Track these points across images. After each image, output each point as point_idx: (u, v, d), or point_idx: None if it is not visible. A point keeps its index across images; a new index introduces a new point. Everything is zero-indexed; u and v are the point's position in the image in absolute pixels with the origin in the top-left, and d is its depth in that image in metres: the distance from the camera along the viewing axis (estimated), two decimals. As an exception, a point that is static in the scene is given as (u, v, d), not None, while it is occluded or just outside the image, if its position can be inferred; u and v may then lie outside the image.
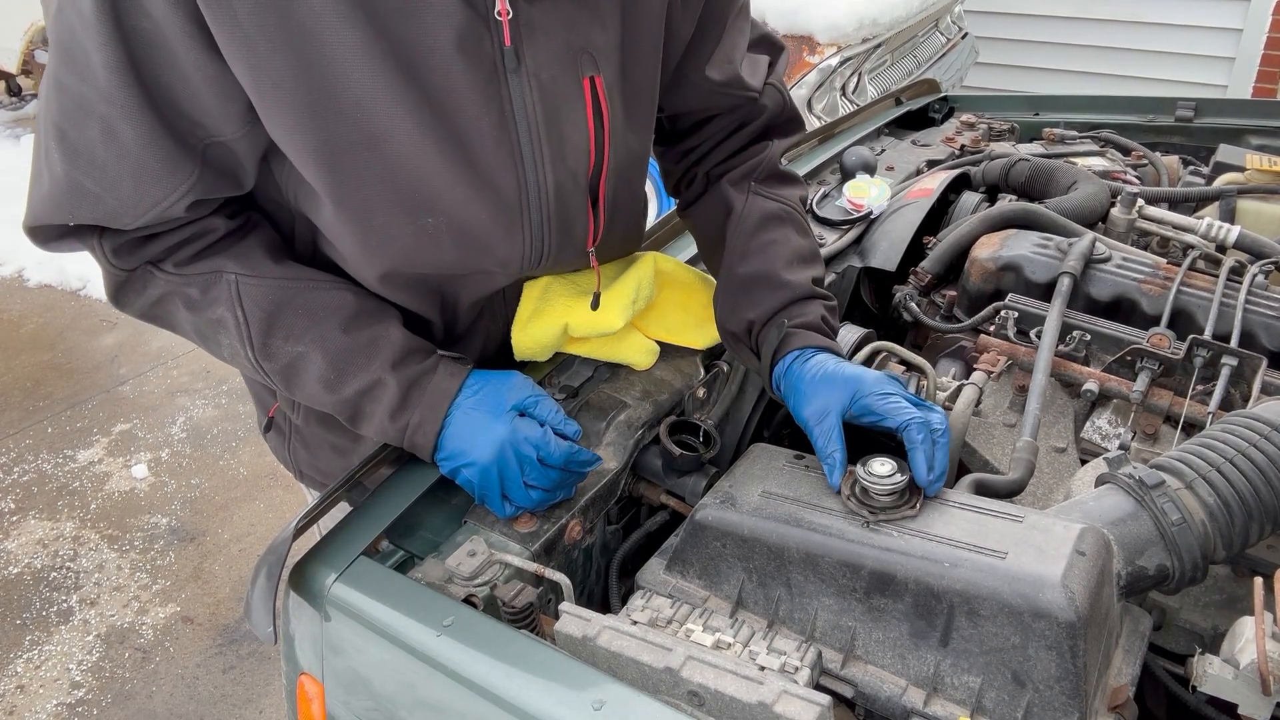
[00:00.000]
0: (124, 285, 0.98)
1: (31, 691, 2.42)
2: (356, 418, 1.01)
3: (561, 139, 0.97)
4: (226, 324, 0.97)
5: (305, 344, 0.98)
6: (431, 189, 0.93)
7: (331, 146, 0.89)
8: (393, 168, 0.91)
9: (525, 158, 0.96)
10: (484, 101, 0.91)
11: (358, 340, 0.99)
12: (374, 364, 0.98)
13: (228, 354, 1.01)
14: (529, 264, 1.04)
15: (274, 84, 0.84)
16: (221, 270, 0.96)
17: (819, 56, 3.57)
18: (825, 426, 0.95)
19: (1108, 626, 0.83)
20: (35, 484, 3.18)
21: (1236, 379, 1.16)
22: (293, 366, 0.98)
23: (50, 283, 4.50)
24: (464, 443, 0.98)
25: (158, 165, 0.87)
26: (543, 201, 0.99)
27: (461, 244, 0.98)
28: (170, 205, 0.90)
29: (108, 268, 0.96)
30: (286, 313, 0.97)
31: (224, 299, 0.96)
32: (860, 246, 1.58)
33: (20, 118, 6.46)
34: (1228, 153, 1.82)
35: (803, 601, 0.88)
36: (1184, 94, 2.14)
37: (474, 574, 0.90)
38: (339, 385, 0.99)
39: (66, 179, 0.89)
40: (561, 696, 0.77)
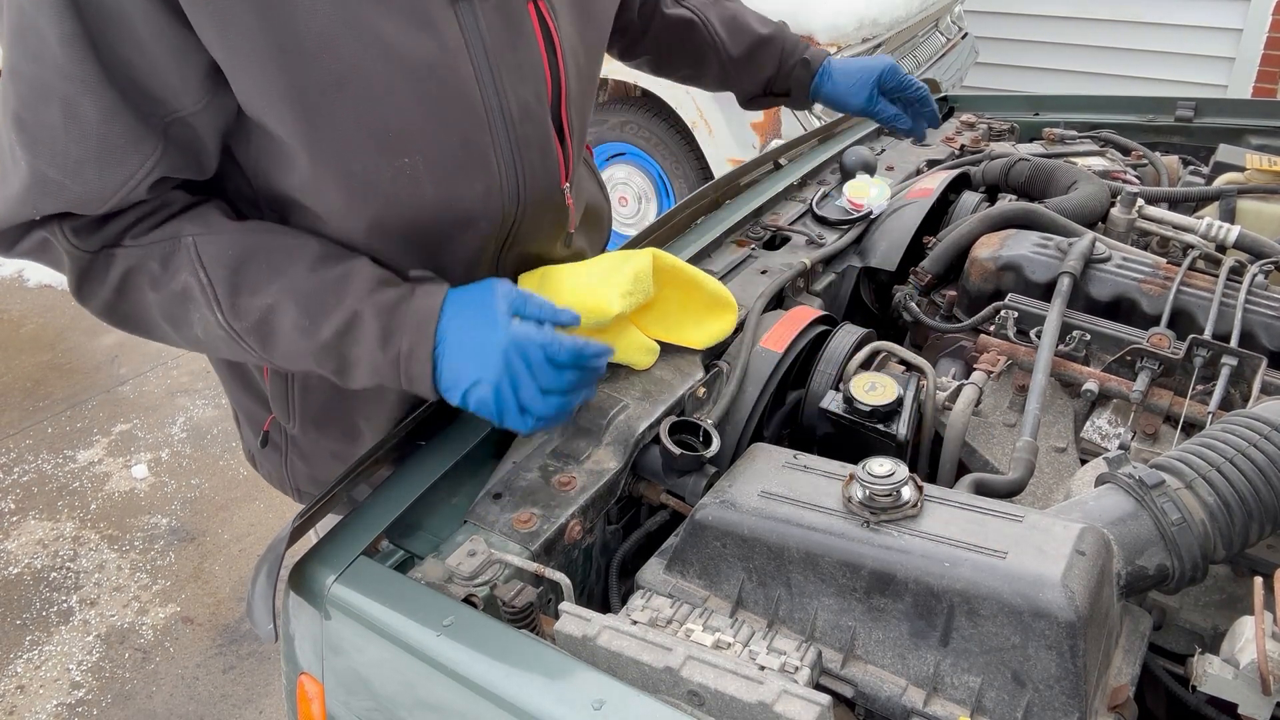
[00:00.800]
0: (87, 273, 0.94)
1: (31, 691, 2.42)
2: (343, 365, 0.96)
3: (518, 63, 1.00)
4: (192, 292, 0.93)
5: (273, 294, 0.93)
6: (403, 124, 0.93)
7: (302, 91, 0.88)
8: (363, 107, 0.90)
9: (485, 83, 0.97)
10: (442, 29, 0.93)
11: (326, 279, 0.94)
12: (347, 299, 0.94)
13: (200, 330, 0.96)
14: (508, 199, 1.03)
15: (242, 34, 0.83)
16: (179, 234, 0.93)
17: (819, 56, 3.56)
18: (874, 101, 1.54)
19: (1108, 626, 0.83)
20: (35, 484, 3.18)
21: (1236, 379, 1.16)
22: (265, 322, 0.94)
23: (50, 283, 4.50)
24: (464, 361, 0.93)
25: (121, 141, 0.85)
26: (509, 125, 1.00)
27: (438, 181, 0.97)
28: (135, 187, 0.89)
29: (70, 250, 0.92)
30: (250, 266, 0.93)
31: (185, 264, 0.93)
32: (860, 246, 1.58)
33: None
34: (1228, 153, 1.82)
35: (803, 601, 0.88)
36: (1184, 94, 2.14)
37: (474, 574, 0.90)
38: (315, 329, 0.93)
39: (30, 171, 0.86)
40: (561, 696, 0.77)
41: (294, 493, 1.31)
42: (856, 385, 1.15)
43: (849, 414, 1.14)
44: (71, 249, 0.92)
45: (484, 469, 1.08)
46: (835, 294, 1.54)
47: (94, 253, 0.93)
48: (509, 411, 0.94)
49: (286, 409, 1.19)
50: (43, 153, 0.85)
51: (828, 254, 1.52)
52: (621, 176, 4.16)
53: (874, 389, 1.14)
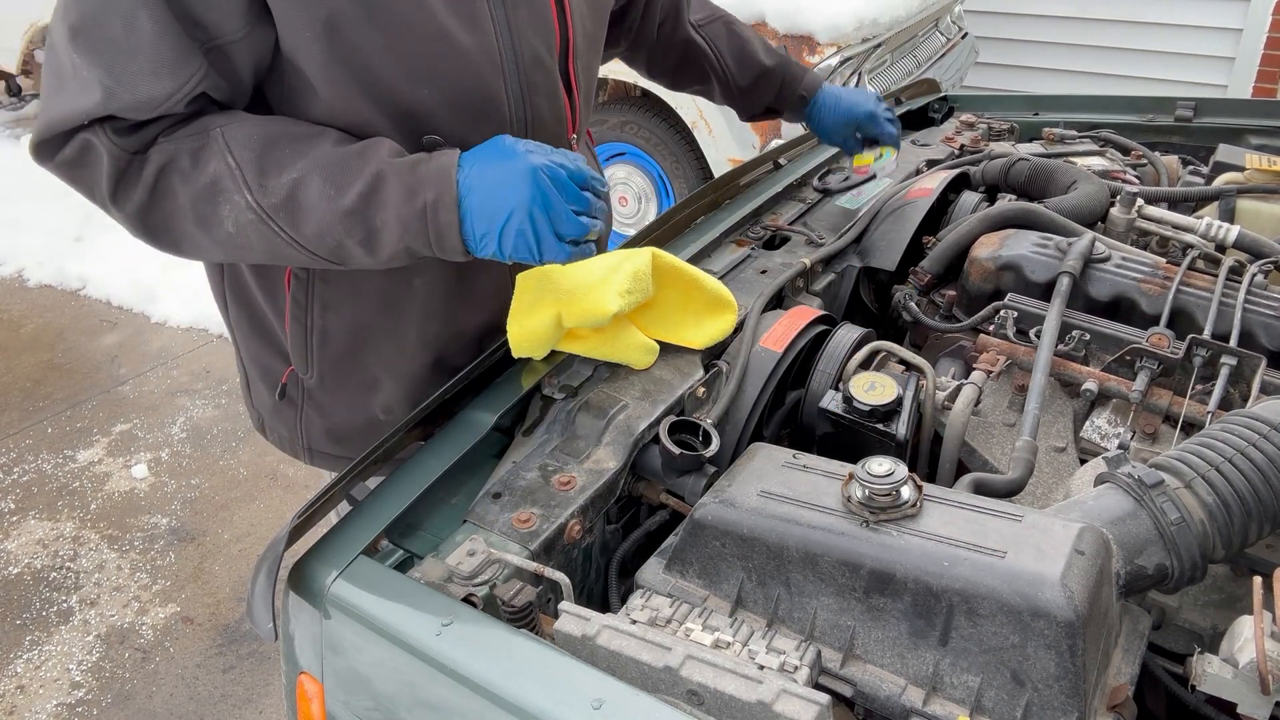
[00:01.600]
0: (124, 174, 0.98)
1: (31, 691, 2.42)
2: (370, 231, 0.98)
3: (531, 15, 1.10)
4: (222, 180, 0.97)
5: (299, 169, 0.97)
6: (424, 55, 1.00)
7: (334, 21, 0.95)
8: (390, 37, 0.98)
9: (501, 29, 1.07)
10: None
11: (348, 152, 0.99)
12: (369, 164, 0.98)
13: (231, 223, 0.99)
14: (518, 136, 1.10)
15: None
16: (208, 128, 0.98)
17: (819, 56, 3.56)
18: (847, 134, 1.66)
19: (1107, 626, 0.83)
20: (35, 484, 3.18)
21: (1236, 378, 1.16)
22: (292, 197, 0.97)
23: (50, 283, 4.50)
24: (491, 197, 0.96)
25: (171, 56, 0.92)
26: (520, 70, 1.09)
27: (452, 118, 1.06)
28: (178, 99, 0.95)
29: (110, 149, 0.96)
30: (276, 147, 0.98)
31: (215, 154, 0.97)
32: (860, 246, 1.58)
33: (20, 118, 6.46)
34: (1227, 152, 1.82)
35: (802, 601, 0.88)
36: (1184, 94, 2.14)
37: (473, 573, 0.90)
38: (340, 195, 0.97)
39: (86, 78, 0.93)
40: (561, 696, 0.77)
41: (305, 453, 1.33)
42: (856, 385, 1.15)
43: (848, 414, 1.14)
44: (112, 147, 0.96)
45: (484, 469, 1.08)
46: (835, 294, 1.54)
47: (132, 154, 0.97)
48: (545, 238, 0.97)
49: (305, 357, 1.22)
50: (102, 60, 0.92)
51: (828, 254, 1.52)
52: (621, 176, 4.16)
53: (874, 389, 1.14)
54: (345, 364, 1.23)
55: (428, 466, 1.04)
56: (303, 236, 0.99)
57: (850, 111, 1.62)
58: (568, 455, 1.08)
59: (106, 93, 0.92)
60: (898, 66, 3.97)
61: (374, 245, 1.00)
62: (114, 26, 0.91)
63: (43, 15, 5.41)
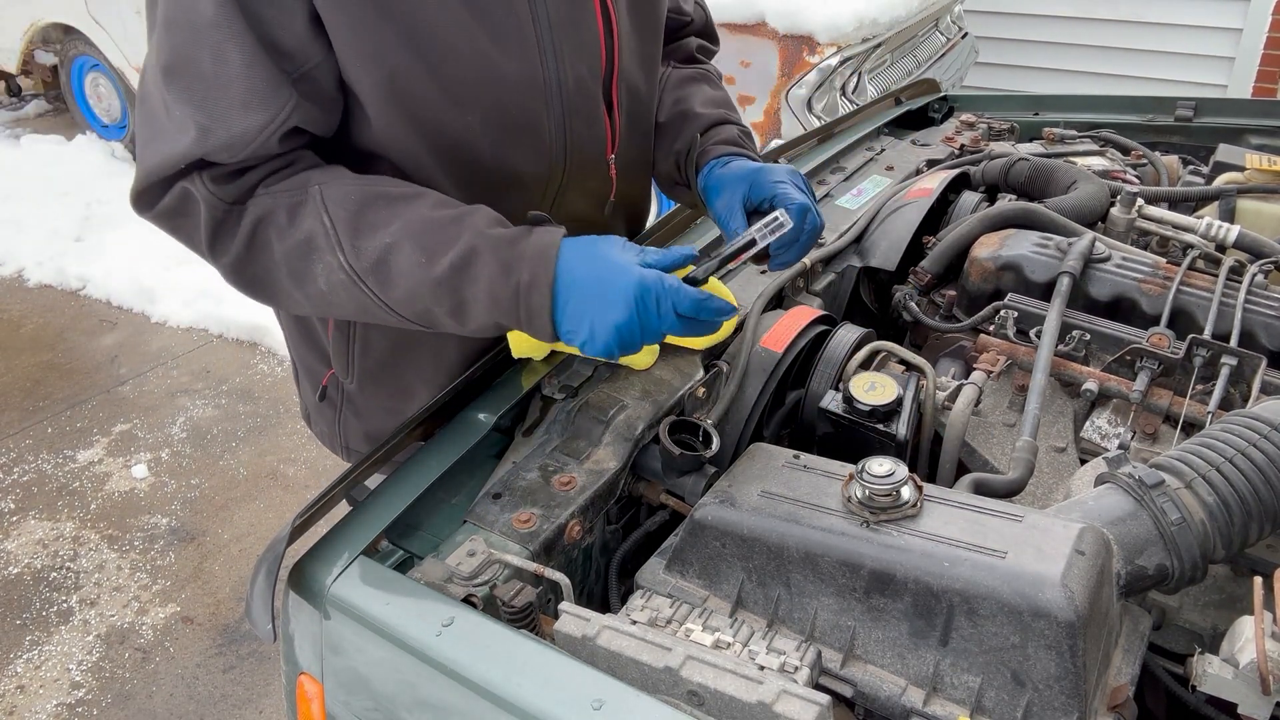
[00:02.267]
0: (221, 225, 0.98)
1: (31, 691, 2.42)
2: (460, 302, 0.97)
3: (578, 37, 1.09)
4: (316, 239, 0.97)
5: (393, 233, 0.96)
6: (468, 81, 1.00)
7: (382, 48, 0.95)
8: (435, 61, 0.98)
9: (548, 53, 1.06)
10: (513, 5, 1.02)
11: (444, 217, 0.98)
12: (464, 234, 0.96)
13: (324, 281, 0.99)
14: (554, 162, 1.11)
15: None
16: (307, 184, 0.98)
17: (819, 56, 3.57)
18: (730, 213, 1.14)
19: (1107, 626, 0.83)
20: (35, 484, 3.18)
21: (1236, 378, 1.16)
22: (384, 261, 0.96)
23: (50, 283, 4.50)
24: (588, 299, 0.94)
25: (262, 87, 0.92)
26: (564, 94, 1.09)
27: (494, 141, 1.06)
28: (273, 132, 0.94)
29: (208, 199, 0.96)
30: (371, 209, 0.98)
31: (311, 211, 0.97)
32: (860, 246, 1.58)
33: (20, 118, 6.46)
34: (1227, 152, 1.82)
35: (802, 601, 0.88)
36: (1184, 94, 2.14)
37: (474, 574, 0.90)
38: (432, 264, 0.95)
39: (180, 117, 0.93)
40: (561, 696, 0.77)
41: (343, 451, 1.37)
42: (856, 385, 1.15)
43: (849, 414, 1.14)
44: (209, 197, 0.96)
45: (484, 469, 1.08)
46: (835, 294, 1.54)
47: (230, 204, 0.98)
48: (630, 350, 0.98)
49: (346, 364, 1.24)
50: (193, 98, 0.92)
51: (828, 254, 1.52)
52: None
53: (874, 389, 1.14)
54: (384, 372, 1.25)
55: (428, 466, 1.04)
56: (392, 300, 0.99)
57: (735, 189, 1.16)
58: (568, 455, 1.08)
59: (201, 131, 0.92)
60: (898, 66, 3.97)
61: (463, 316, 0.98)
62: (204, 62, 0.91)
63: (43, 15, 5.42)
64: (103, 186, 5.18)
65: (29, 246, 4.69)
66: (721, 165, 1.20)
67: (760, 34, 3.67)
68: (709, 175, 1.20)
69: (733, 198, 1.14)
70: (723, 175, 1.18)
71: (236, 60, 0.91)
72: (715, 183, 1.18)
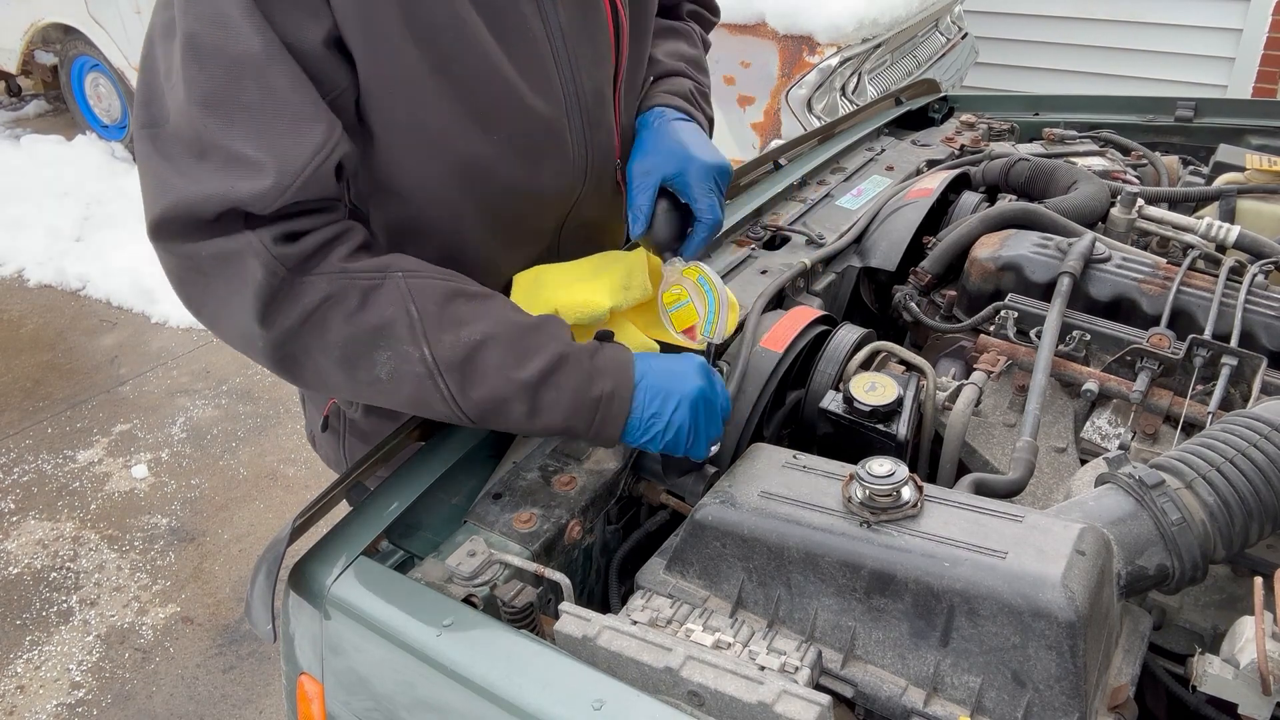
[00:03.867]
0: (278, 295, 0.90)
1: (31, 691, 2.42)
2: (537, 406, 0.96)
3: (592, 46, 1.06)
4: (394, 327, 0.93)
5: (480, 329, 0.95)
6: (495, 102, 0.99)
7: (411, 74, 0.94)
8: (462, 87, 0.97)
9: (564, 70, 1.04)
10: (525, 21, 0.99)
11: (527, 323, 0.98)
12: (552, 342, 0.97)
13: (385, 371, 0.94)
14: (576, 176, 1.10)
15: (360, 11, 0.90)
16: (389, 269, 0.94)
17: (819, 56, 3.57)
18: (644, 183, 1.09)
19: (1108, 626, 0.83)
20: (35, 484, 3.18)
21: (1236, 379, 1.16)
22: (470, 359, 0.94)
23: (50, 283, 4.50)
24: (661, 401, 0.99)
25: (309, 110, 0.89)
26: (583, 106, 1.07)
27: (521, 159, 1.04)
28: (327, 154, 0.89)
29: (266, 261, 0.88)
30: (457, 301, 0.96)
31: (393, 299, 0.93)
32: (860, 246, 1.58)
33: (20, 118, 6.46)
34: (1228, 153, 1.82)
35: (803, 601, 0.88)
36: (1184, 94, 2.14)
37: (474, 574, 0.90)
38: (520, 367, 0.95)
39: (224, 154, 0.87)
40: (561, 696, 0.77)
41: None
42: (856, 385, 1.15)
43: (849, 414, 1.14)
44: (271, 260, 0.89)
45: (484, 469, 1.08)
46: (835, 294, 1.54)
47: (290, 270, 0.90)
48: (700, 430, 1.00)
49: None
50: (238, 129, 0.87)
51: (828, 254, 1.52)
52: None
53: (874, 389, 1.14)
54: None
55: (428, 466, 1.04)
56: (465, 398, 0.95)
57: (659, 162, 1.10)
58: (568, 455, 1.08)
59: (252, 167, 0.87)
60: (898, 66, 3.97)
61: (535, 418, 0.97)
62: (250, 91, 0.87)
63: (43, 15, 5.42)
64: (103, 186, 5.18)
65: (29, 246, 4.69)
66: (663, 122, 1.15)
67: (760, 34, 3.67)
68: (646, 123, 1.16)
69: (650, 174, 1.10)
70: (655, 140, 1.13)
71: (283, 85, 0.87)
72: (645, 142, 1.13)
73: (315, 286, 0.91)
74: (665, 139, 1.12)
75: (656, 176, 1.09)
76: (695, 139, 1.12)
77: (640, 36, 1.18)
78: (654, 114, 1.17)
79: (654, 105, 1.18)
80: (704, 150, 1.10)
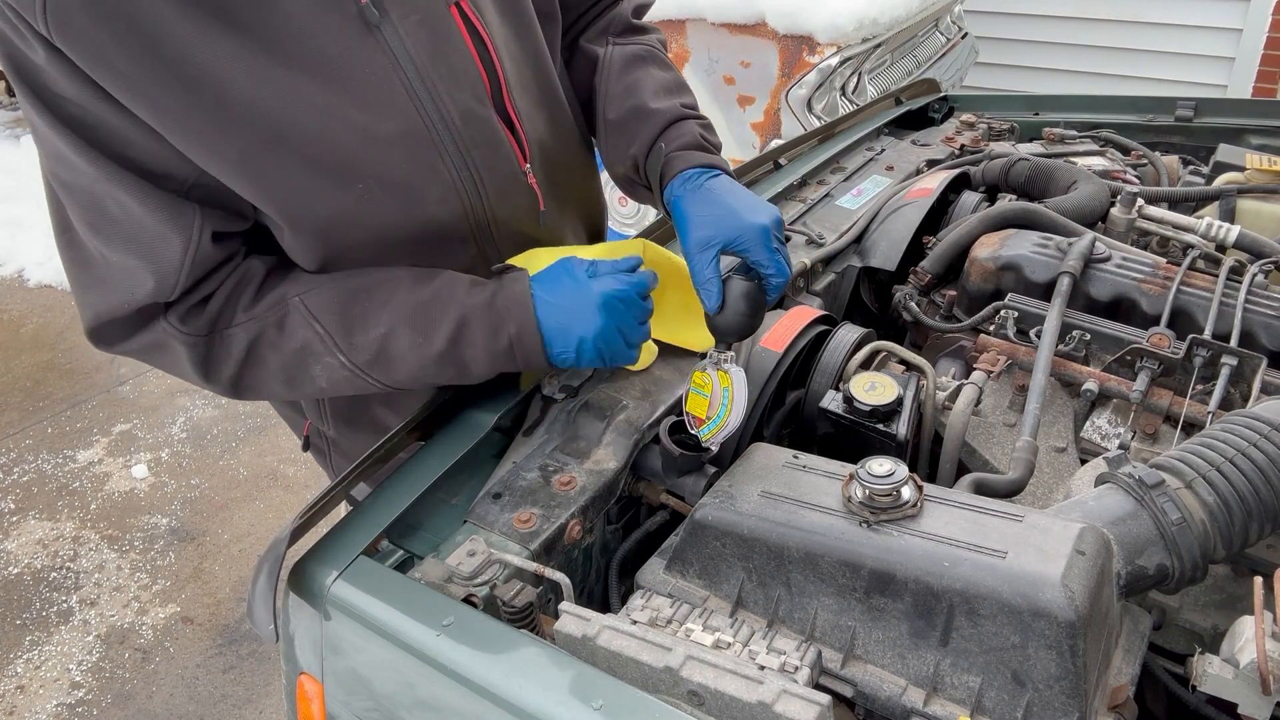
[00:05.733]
0: (208, 356, 1.00)
1: (31, 691, 2.42)
2: (462, 367, 1.03)
3: (450, 70, 1.02)
4: (311, 345, 1.00)
5: (384, 323, 1.01)
6: (348, 156, 0.97)
7: (246, 156, 0.93)
8: (307, 152, 0.95)
9: (421, 98, 1.00)
10: (366, 59, 0.95)
11: (424, 297, 1.02)
12: (449, 308, 1.01)
13: (324, 380, 1.03)
14: (467, 197, 1.07)
15: (176, 118, 0.88)
16: (285, 296, 1.00)
17: (819, 56, 3.56)
18: (706, 257, 1.03)
19: (1108, 626, 0.83)
20: (35, 484, 3.18)
21: (1236, 378, 1.16)
22: (383, 350, 1.01)
23: (50, 283, 4.50)
24: (568, 326, 1.01)
25: (164, 215, 0.92)
26: (453, 133, 1.03)
27: (397, 198, 1.02)
28: (196, 248, 0.94)
29: (183, 339, 0.98)
30: (355, 305, 1.01)
31: (299, 321, 1.00)
32: (860, 246, 1.58)
33: (20, 118, 6.46)
34: (1228, 152, 1.82)
35: (802, 601, 0.88)
36: (1184, 94, 2.14)
37: (474, 574, 0.90)
38: (429, 343, 1.01)
39: (121, 264, 0.94)
40: (561, 696, 0.77)
41: None
42: (856, 385, 1.15)
43: (849, 414, 1.14)
44: (184, 336, 0.98)
45: (484, 469, 1.08)
46: (835, 294, 1.54)
47: (206, 335, 0.99)
48: (619, 352, 1.03)
49: (319, 412, 1.26)
50: (117, 244, 0.93)
51: (828, 254, 1.52)
52: (621, 177, 4.14)
53: (874, 389, 1.14)
54: (355, 413, 1.25)
55: (428, 466, 1.04)
56: (395, 381, 1.04)
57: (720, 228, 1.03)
58: (568, 455, 1.08)
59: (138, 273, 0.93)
60: (898, 66, 3.97)
61: (466, 375, 1.05)
62: (111, 209, 0.91)
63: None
64: (103, 186, 5.18)
65: (29, 246, 4.70)
66: (694, 186, 1.09)
67: (760, 34, 3.66)
68: (679, 195, 1.09)
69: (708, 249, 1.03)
70: (696, 210, 1.06)
71: (131, 199, 0.90)
72: (687, 213, 1.06)
73: (236, 337, 1.00)
74: (708, 207, 1.06)
75: (714, 249, 1.02)
76: (739, 199, 1.06)
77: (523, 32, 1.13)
78: (680, 182, 1.11)
79: (677, 171, 1.12)
80: (752, 209, 1.04)
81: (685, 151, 1.13)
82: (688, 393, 1.05)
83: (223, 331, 1.00)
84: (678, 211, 1.08)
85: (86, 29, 0.82)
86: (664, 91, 1.21)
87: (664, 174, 1.13)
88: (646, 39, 1.29)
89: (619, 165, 1.22)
